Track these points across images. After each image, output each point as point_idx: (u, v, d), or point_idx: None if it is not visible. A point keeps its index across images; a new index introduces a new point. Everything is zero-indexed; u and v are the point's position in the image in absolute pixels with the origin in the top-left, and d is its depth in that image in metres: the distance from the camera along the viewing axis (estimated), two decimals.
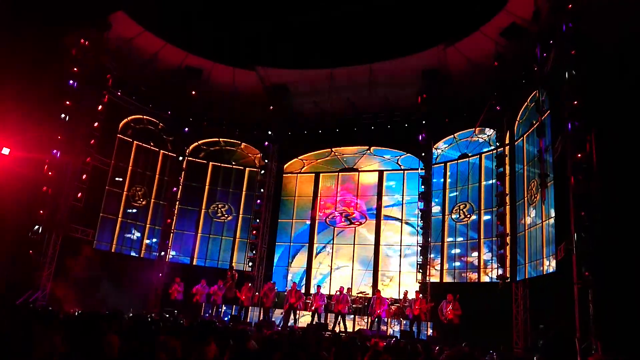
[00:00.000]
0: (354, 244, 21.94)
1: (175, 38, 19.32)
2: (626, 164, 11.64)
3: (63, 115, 16.70)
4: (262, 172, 21.99)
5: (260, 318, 18.14)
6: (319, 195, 23.20)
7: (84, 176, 17.59)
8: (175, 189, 21.21)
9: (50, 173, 16.38)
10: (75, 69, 17.00)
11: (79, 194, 17.36)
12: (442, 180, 20.63)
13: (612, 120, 12.02)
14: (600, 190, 11.28)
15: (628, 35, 11.66)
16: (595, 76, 12.11)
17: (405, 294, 17.30)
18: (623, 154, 11.68)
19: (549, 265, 14.51)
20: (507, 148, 17.65)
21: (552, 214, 14.35)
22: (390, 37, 18.82)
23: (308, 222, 22.90)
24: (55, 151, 16.47)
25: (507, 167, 17.40)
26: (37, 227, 16.00)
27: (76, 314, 11.52)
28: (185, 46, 19.78)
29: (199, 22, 18.92)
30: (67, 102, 16.83)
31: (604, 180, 11.45)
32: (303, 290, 20.00)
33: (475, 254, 18.90)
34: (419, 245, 18.79)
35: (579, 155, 11.58)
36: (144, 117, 21.04)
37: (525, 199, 16.67)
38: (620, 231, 11.36)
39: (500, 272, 16.47)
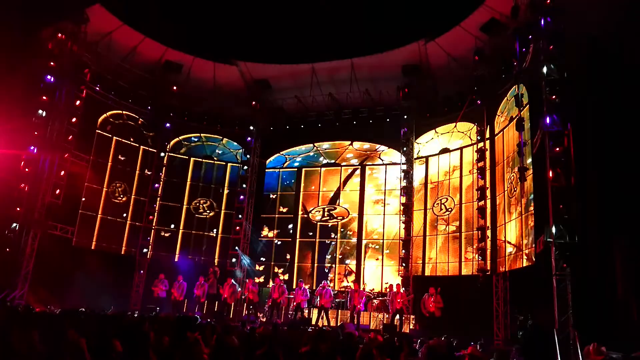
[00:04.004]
0: (337, 239, 22.00)
1: (154, 32, 19.06)
2: (604, 157, 11.89)
3: (40, 111, 16.38)
4: (244, 167, 21.87)
5: (244, 314, 18.15)
6: (301, 190, 23.20)
7: (62, 172, 17.28)
8: (156, 185, 20.98)
9: (27, 169, 16.07)
10: (52, 63, 16.67)
11: (57, 191, 17.06)
12: (424, 174, 20.79)
13: (590, 115, 12.25)
14: (578, 183, 11.48)
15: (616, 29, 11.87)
16: (576, 71, 12.33)
17: (390, 287, 17.43)
18: (601, 148, 11.92)
19: (529, 257, 14.73)
20: (487, 142, 17.82)
21: (532, 206, 14.56)
22: (371, 32, 18.86)
23: (291, 217, 22.91)
24: (32, 147, 16.17)
25: (487, 161, 17.60)
26: (14, 224, 15.69)
27: (56, 312, 11.35)
28: (164, 40, 19.54)
29: (179, 15, 18.70)
30: (44, 97, 16.50)
31: (582, 174, 11.67)
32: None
33: (457, 247, 19.10)
34: (401, 239, 18.91)
35: (557, 149, 11.74)
36: (124, 112, 20.74)
37: (505, 192, 16.89)
38: (598, 223, 11.61)
39: (481, 264, 16.68)
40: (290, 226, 22.81)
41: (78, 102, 17.66)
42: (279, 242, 22.80)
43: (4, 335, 5.23)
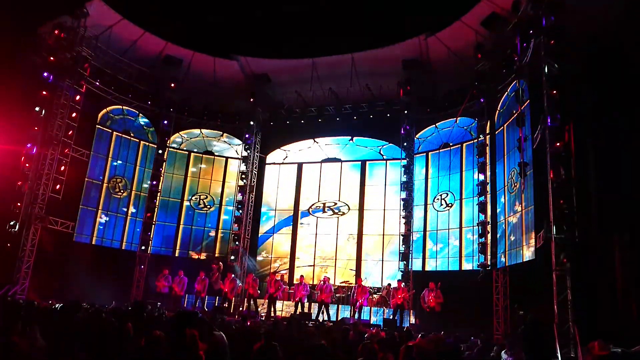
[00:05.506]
0: (337, 234, 22.02)
1: (154, 26, 19.01)
2: (605, 153, 11.88)
3: (39, 107, 16.36)
4: (244, 162, 21.85)
5: (244, 308, 18.19)
6: (301, 185, 23.20)
7: (63, 167, 17.29)
8: (155, 181, 20.94)
9: (27, 165, 16.09)
10: (51, 58, 16.63)
11: (58, 186, 17.07)
12: (424, 169, 20.78)
13: (590, 111, 12.23)
14: (578, 178, 11.48)
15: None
16: (577, 66, 12.31)
17: (388, 286, 17.46)
18: (602, 144, 11.92)
19: (529, 252, 14.75)
20: (487, 137, 17.80)
21: (532, 202, 14.56)
22: (372, 26, 18.81)
23: (291, 213, 22.93)
24: (32, 143, 16.18)
25: (488, 157, 17.58)
26: (14, 220, 15.71)
27: (56, 307, 11.37)
28: (164, 35, 19.50)
29: (179, 9, 18.64)
30: (44, 93, 16.49)
31: (583, 169, 11.67)
32: (287, 281, 20.08)
33: (457, 242, 19.12)
34: (401, 235, 18.91)
35: (558, 144, 11.72)
36: (124, 107, 20.72)
37: (506, 187, 16.88)
38: (598, 219, 11.61)
39: (481, 260, 16.71)
40: (291, 221, 22.85)
41: (78, 97, 17.66)
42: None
43: (6, 330, 5.24)
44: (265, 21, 19.51)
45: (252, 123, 21.83)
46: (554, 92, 12.04)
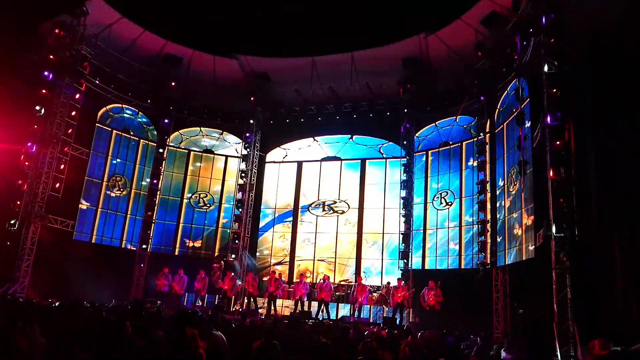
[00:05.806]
0: (336, 233, 22.02)
1: (154, 25, 18.99)
2: (605, 151, 11.89)
3: (39, 105, 16.35)
4: (244, 161, 21.84)
5: (244, 307, 18.19)
6: (301, 184, 23.20)
7: (62, 166, 17.28)
8: (155, 179, 20.93)
9: (27, 163, 16.09)
10: (51, 56, 16.61)
11: (57, 185, 17.06)
12: (424, 168, 20.78)
13: (590, 109, 12.23)
14: (578, 177, 11.49)
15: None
16: (576, 65, 12.30)
17: (387, 285, 17.48)
18: (602, 142, 11.92)
19: (529, 251, 14.75)
20: (487, 136, 17.80)
21: (532, 200, 14.56)
22: (372, 25, 18.80)
23: (290, 210, 22.93)
24: (31, 142, 16.16)
25: (488, 155, 17.58)
26: (13, 219, 15.71)
27: (55, 305, 11.37)
28: (164, 33, 19.48)
29: (179, 8, 18.63)
30: (43, 91, 16.47)
31: (583, 168, 11.67)
32: (286, 279, 20.09)
33: (457, 240, 19.13)
34: (401, 233, 18.93)
35: (558, 143, 11.72)
36: (123, 105, 20.69)
37: (505, 186, 16.88)
38: (598, 218, 11.62)
39: (480, 258, 16.72)
40: (291, 219, 22.87)
41: (77, 96, 17.64)
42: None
43: (6, 329, 5.25)
44: (265, 20, 19.49)
45: (252, 122, 21.83)
46: (554, 90, 12.03)
